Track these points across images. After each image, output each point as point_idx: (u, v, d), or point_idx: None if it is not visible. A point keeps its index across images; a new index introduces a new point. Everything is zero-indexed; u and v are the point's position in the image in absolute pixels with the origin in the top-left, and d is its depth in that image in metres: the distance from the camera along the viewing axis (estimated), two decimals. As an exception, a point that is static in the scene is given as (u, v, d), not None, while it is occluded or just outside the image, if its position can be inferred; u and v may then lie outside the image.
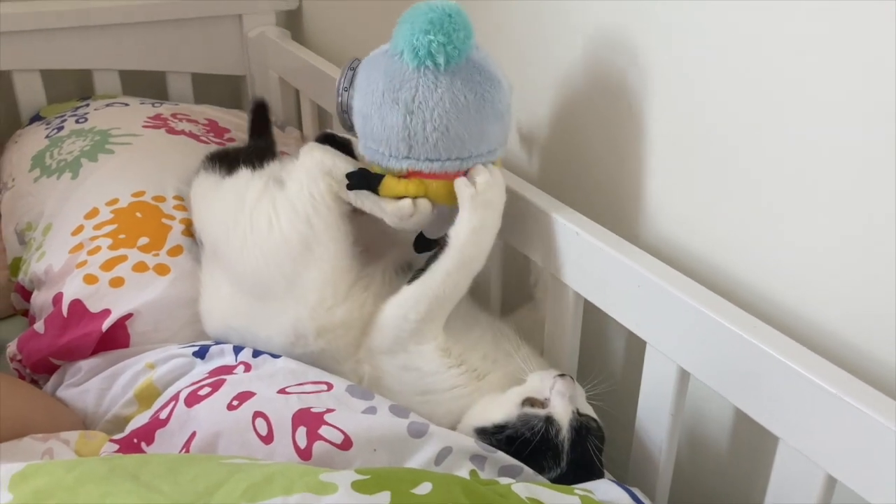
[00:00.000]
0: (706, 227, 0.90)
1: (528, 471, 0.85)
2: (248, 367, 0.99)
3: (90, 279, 1.10)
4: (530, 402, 0.89)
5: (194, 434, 0.89)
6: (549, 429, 0.85)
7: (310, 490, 0.68)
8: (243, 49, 1.69)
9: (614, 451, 0.94)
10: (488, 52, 0.93)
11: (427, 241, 0.99)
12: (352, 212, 1.01)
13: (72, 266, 1.13)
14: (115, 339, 1.07)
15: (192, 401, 0.93)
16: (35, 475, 0.67)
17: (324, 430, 0.85)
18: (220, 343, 1.05)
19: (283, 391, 0.92)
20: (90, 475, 0.67)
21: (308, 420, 0.87)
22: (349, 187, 0.97)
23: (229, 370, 0.99)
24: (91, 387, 1.05)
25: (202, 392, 0.94)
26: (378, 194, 0.94)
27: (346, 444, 0.84)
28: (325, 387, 0.93)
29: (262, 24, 1.67)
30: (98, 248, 1.14)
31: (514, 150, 1.18)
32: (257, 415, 0.88)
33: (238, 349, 1.03)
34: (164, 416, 0.94)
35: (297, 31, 1.73)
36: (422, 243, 0.99)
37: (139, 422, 0.97)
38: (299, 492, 0.67)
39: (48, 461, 0.78)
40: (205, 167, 1.16)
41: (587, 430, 0.87)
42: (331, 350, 0.99)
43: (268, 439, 0.86)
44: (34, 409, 1.00)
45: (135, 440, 0.94)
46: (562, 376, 0.90)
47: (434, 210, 0.94)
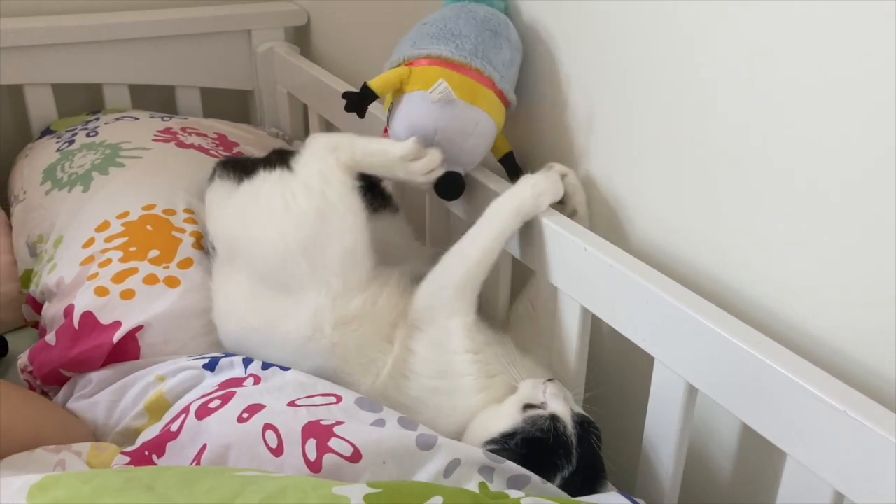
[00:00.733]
0: (707, 238, 0.91)
1: (535, 480, 0.85)
2: (257, 380, 0.99)
3: (101, 291, 1.11)
4: (529, 406, 0.91)
5: (205, 447, 0.90)
6: (556, 426, 0.88)
7: (323, 503, 0.69)
8: (252, 64, 1.71)
9: (622, 466, 0.95)
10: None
11: (450, 184, 1.03)
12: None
13: (83, 278, 1.14)
14: (126, 351, 1.08)
15: (203, 413, 0.94)
16: (53, 487, 0.67)
17: (333, 443, 0.86)
18: (230, 355, 1.06)
19: (292, 404, 0.93)
20: (106, 487, 0.68)
21: (318, 432, 0.87)
22: (347, 109, 1.02)
23: (239, 382, 0.99)
24: (101, 399, 1.06)
25: (212, 405, 0.95)
26: (374, 94, 1.02)
27: (356, 456, 0.85)
28: (334, 399, 0.94)
29: (270, 39, 1.69)
30: (109, 261, 1.15)
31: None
32: (267, 427, 0.89)
33: (248, 361, 1.04)
34: (174, 428, 0.95)
35: (306, 47, 1.75)
36: (444, 185, 1.03)
37: (150, 434, 0.98)
38: (312, 504, 0.68)
39: (65, 473, 0.78)
40: (219, 174, 1.18)
41: (588, 424, 0.90)
42: (342, 347, 1.01)
43: (278, 452, 0.87)
44: (47, 421, 1.01)
45: (146, 452, 0.95)
46: (550, 381, 0.94)
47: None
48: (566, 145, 1.09)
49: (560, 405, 0.90)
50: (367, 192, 1.06)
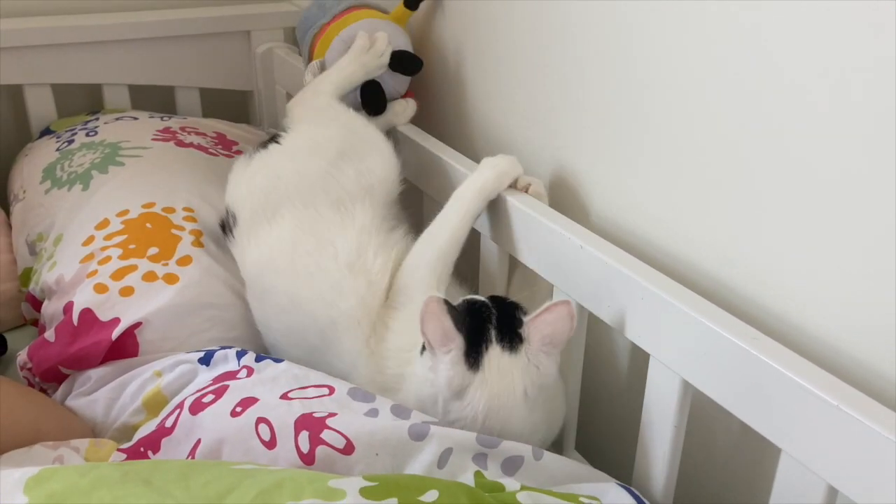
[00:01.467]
0: (707, 238, 0.92)
1: (529, 459, 0.86)
2: (250, 372, 1.00)
3: (100, 288, 1.12)
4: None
5: (199, 441, 0.91)
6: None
7: (319, 496, 0.69)
8: (251, 64, 1.71)
9: (618, 462, 0.95)
10: None
11: (373, 97, 1.24)
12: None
13: (82, 275, 1.14)
14: (125, 348, 1.09)
15: (197, 408, 0.95)
16: (50, 479, 0.68)
17: (326, 435, 0.86)
18: (224, 348, 1.07)
19: (285, 396, 0.93)
20: (104, 480, 0.69)
21: (310, 425, 0.88)
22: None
23: (232, 376, 1.00)
24: (100, 396, 1.07)
25: (206, 399, 0.95)
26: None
27: (349, 448, 0.85)
28: (327, 391, 0.94)
29: (269, 40, 1.69)
30: (108, 258, 1.15)
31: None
32: (260, 421, 0.90)
33: (241, 354, 1.04)
34: (169, 424, 0.95)
35: (305, 47, 1.75)
36: (368, 97, 1.24)
37: (146, 430, 0.99)
38: (308, 498, 0.69)
39: (62, 466, 0.79)
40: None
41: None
42: (377, 287, 1.05)
43: (271, 445, 0.87)
44: (46, 417, 1.01)
45: (141, 449, 0.95)
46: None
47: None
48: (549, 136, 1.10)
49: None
50: None
